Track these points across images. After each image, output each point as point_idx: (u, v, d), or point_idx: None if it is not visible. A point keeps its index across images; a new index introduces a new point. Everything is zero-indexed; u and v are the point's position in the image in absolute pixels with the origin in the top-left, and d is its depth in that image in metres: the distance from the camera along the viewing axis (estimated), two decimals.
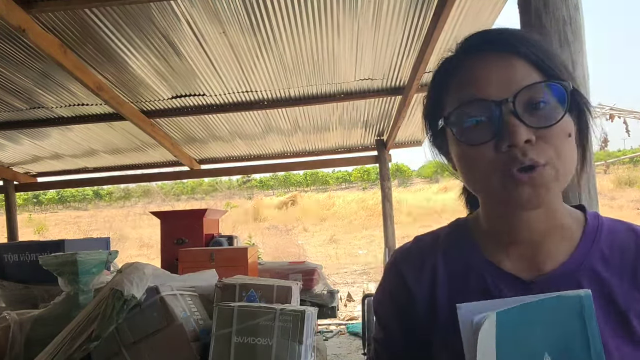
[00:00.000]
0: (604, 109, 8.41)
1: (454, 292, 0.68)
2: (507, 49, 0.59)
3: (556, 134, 0.57)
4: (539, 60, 0.58)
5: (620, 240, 0.64)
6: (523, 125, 0.56)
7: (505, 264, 0.66)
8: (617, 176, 22.05)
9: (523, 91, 0.57)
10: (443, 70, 0.66)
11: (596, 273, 0.62)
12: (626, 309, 0.59)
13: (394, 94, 4.38)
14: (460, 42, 0.65)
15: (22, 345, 2.14)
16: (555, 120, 0.57)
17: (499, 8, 3.13)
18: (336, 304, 4.20)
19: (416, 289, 0.71)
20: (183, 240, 4.57)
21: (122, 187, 26.50)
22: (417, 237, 0.79)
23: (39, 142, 5.37)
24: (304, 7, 2.90)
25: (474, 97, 0.59)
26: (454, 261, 0.70)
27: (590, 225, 0.66)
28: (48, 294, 2.96)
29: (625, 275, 0.61)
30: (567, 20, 1.54)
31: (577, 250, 0.64)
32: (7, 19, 2.55)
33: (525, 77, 0.58)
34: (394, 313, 0.74)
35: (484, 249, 0.69)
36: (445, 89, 0.65)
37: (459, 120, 0.61)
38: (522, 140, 0.56)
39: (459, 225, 0.75)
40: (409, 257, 0.75)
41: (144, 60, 3.46)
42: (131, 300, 1.91)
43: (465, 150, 0.60)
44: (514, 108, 0.56)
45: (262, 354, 1.76)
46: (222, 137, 5.53)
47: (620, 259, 0.62)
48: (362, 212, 20.62)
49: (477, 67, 0.60)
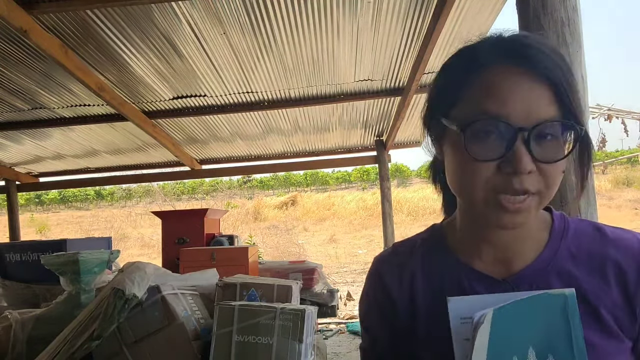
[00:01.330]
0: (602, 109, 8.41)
1: (432, 295, 0.70)
2: (536, 68, 0.58)
3: (554, 170, 0.59)
4: (564, 92, 0.58)
5: (586, 239, 0.67)
6: (530, 155, 0.57)
7: (478, 264, 0.69)
8: (615, 176, 22.04)
9: (541, 125, 0.57)
10: (466, 61, 0.63)
11: (565, 270, 0.65)
12: (596, 304, 0.62)
13: (393, 94, 4.40)
14: (489, 37, 0.63)
15: (24, 345, 2.15)
16: (559, 157, 0.59)
17: (497, 9, 3.14)
18: (336, 303, 4.21)
19: (397, 295, 0.73)
20: (184, 239, 4.58)
21: (124, 187, 26.51)
22: (395, 244, 0.81)
23: (41, 142, 5.39)
24: (304, 8, 2.92)
25: (495, 114, 0.58)
26: (431, 266, 0.73)
27: (557, 226, 0.69)
28: (50, 293, 2.98)
29: (594, 271, 0.64)
30: (565, 22, 1.55)
31: (545, 249, 0.67)
32: (9, 20, 2.56)
33: (547, 108, 0.58)
34: (378, 321, 0.76)
35: (458, 252, 0.71)
36: (463, 83, 0.62)
37: (472, 131, 0.60)
38: (526, 170, 0.57)
39: (434, 230, 0.77)
40: (389, 265, 0.77)
41: (145, 61, 3.47)
42: (132, 299, 1.92)
43: (467, 160, 0.60)
44: (527, 138, 0.57)
45: (262, 352, 1.78)
46: (222, 137, 5.55)
47: (587, 256, 0.65)
48: (361, 212, 20.60)
49: (503, 80, 0.59)
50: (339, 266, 12.74)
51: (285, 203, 22.83)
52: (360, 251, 14.93)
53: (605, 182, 20.95)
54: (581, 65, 1.49)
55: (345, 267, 12.57)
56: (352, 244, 16.32)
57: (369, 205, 20.78)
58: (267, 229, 16.97)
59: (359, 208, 21.13)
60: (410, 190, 23.61)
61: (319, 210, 21.70)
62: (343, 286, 9.38)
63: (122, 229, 18.81)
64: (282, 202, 22.94)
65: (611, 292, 0.63)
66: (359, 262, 13.11)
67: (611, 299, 0.62)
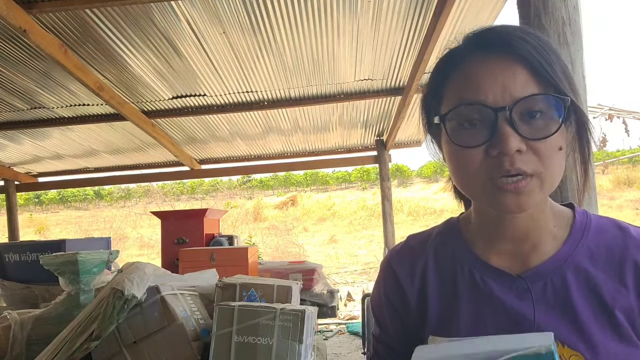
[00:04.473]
0: (603, 109, 8.42)
1: (444, 289, 0.70)
2: (510, 52, 0.59)
3: (547, 147, 0.58)
4: (541, 68, 0.58)
5: (608, 237, 0.65)
6: (516, 134, 0.56)
7: (493, 259, 0.68)
8: (616, 176, 22.03)
9: (521, 101, 0.57)
10: (445, 60, 0.66)
11: (583, 269, 0.63)
12: (612, 304, 0.61)
13: (393, 94, 4.39)
14: (465, 35, 0.65)
15: (23, 345, 2.14)
16: (549, 133, 0.57)
17: (498, 8, 3.14)
18: (336, 303, 4.20)
19: (408, 287, 0.73)
20: (183, 240, 4.57)
21: (123, 187, 26.48)
22: (410, 236, 0.81)
23: (40, 142, 5.38)
24: (304, 8, 2.91)
25: (472, 100, 0.59)
26: (444, 259, 0.72)
27: (578, 223, 0.67)
28: (49, 293, 2.98)
29: (612, 271, 0.62)
30: (566, 21, 1.54)
31: (564, 246, 0.65)
32: (8, 20, 2.55)
33: (525, 85, 0.58)
34: (389, 311, 0.76)
35: (473, 246, 0.70)
36: (444, 80, 0.65)
37: (454, 120, 0.61)
38: (513, 149, 0.56)
39: (450, 224, 0.77)
40: (402, 257, 0.77)
41: (144, 60, 3.46)
42: (132, 299, 1.92)
43: (456, 150, 0.61)
44: (509, 117, 0.57)
45: (262, 353, 1.77)
46: (222, 137, 5.54)
47: (607, 255, 0.64)
48: (362, 212, 20.60)
49: (478, 68, 0.60)
50: (339, 266, 12.73)
51: (285, 203, 22.83)
52: (361, 251, 14.92)
53: (606, 182, 20.94)
54: (582, 65, 1.49)
55: (345, 268, 12.56)
56: (352, 244, 16.31)
57: (369, 205, 20.79)
58: (267, 229, 16.97)
59: (359, 208, 21.13)
60: (411, 190, 23.62)
61: (319, 210, 21.69)
62: (343, 287, 9.38)
63: (121, 229, 18.79)
64: (282, 202, 22.94)
65: (628, 294, 0.61)
66: (359, 263, 13.11)
67: (627, 301, 0.61)
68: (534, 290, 0.63)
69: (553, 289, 0.63)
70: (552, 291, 0.63)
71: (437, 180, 25.58)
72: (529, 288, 0.63)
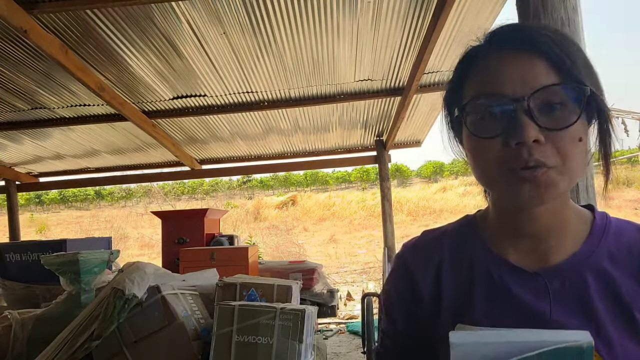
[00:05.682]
0: None
1: (460, 285, 0.69)
2: (530, 46, 0.59)
3: (566, 138, 0.57)
4: (560, 61, 0.58)
5: (628, 239, 0.65)
6: (534, 124, 0.56)
7: (510, 256, 0.67)
8: (615, 176, 21.96)
9: (539, 91, 0.57)
10: (466, 58, 0.67)
11: (602, 269, 0.63)
12: (631, 306, 0.60)
13: (393, 94, 4.39)
14: (487, 33, 0.66)
15: (24, 345, 2.15)
16: (568, 123, 0.57)
17: (498, 9, 3.14)
18: (336, 303, 4.21)
19: (422, 283, 0.72)
20: (184, 239, 4.58)
21: (124, 187, 26.50)
22: (425, 231, 0.80)
23: (41, 142, 5.39)
24: (304, 8, 2.92)
25: (491, 91, 0.60)
26: (459, 256, 0.71)
27: (598, 224, 0.67)
28: (50, 293, 2.98)
29: (632, 272, 0.62)
30: (565, 22, 1.55)
31: (584, 246, 0.65)
32: (9, 20, 2.56)
33: (544, 77, 0.58)
34: (400, 306, 0.75)
35: (490, 243, 0.70)
36: (465, 77, 0.65)
37: (473, 112, 0.62)
38: (530, 139, 0.56)
39: (467, 220, 0.76)
40: (415, 252, 0.76)
41: (145, 61, 3.47)
42: (132, 299, 1.92)
43: (475, 141, 0.61)
44: (528, 107, 0.57)
45: (262, 352, 1.78)
46: (222, 137, 5.55)
47: (627, 257, 0.63)
48: (361, 212, 20.61)
49: (497, 62, 0.61)
50: (339, 266, 12.73)
51: (285, 203, 22.83)
52: (360, 251, 14.92)
53: None
54: None
55: (345, 267, 12.56)
56: (352, 244, 16.31)
57: (369, 205, 20.79)
58: (267, 229, 16.98)
59: (359, 208, 21.13)
60: (410, 190, 23.61)
61: (319, 210, 21.70)
62: (343, 286, 9.38)
63: (122, 229, 18.80)
64: (282, 202, 22.94)
65: None
66: (359, 262, 13.11)
67: None
68: (551, 288, 0.62)
69: (571, 287, 0.62)
70: (570, 290, 0.62)
71: (437, 180, 25.57)
72: (547, 286, 0.63)
